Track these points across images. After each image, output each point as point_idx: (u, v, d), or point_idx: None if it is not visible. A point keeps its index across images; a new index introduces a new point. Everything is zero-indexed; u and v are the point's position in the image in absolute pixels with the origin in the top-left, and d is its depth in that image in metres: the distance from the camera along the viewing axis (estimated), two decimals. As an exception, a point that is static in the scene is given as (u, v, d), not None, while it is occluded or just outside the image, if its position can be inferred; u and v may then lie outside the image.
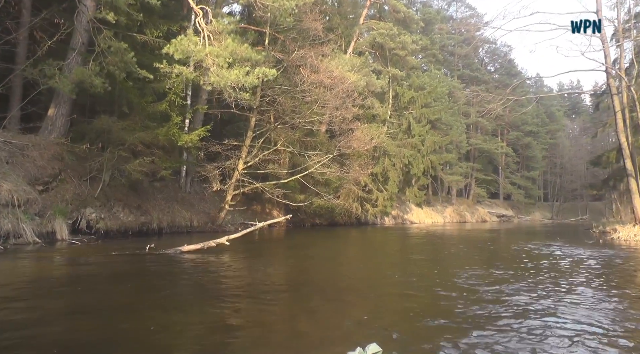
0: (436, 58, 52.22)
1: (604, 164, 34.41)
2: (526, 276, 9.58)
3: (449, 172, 52.46)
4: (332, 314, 6.50)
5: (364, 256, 14.66)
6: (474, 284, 8.56)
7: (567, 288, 8.21)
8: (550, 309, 6.57)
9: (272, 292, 7.94)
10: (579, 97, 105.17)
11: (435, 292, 7.94)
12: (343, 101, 22.26)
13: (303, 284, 8.90)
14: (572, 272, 10.39)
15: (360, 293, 8.02)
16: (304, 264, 12.09)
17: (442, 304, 7.02)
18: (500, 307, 6.66)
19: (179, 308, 6.51)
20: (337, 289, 8.23)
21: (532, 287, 8.26)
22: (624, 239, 20.66)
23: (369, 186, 33.10)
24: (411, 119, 37.15)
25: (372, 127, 30.41)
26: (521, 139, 68.34)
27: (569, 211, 74.79)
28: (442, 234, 27.27)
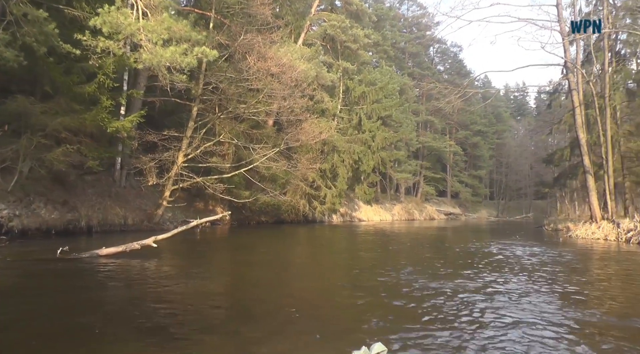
0: (387, 54, 51.67)
1: (557, 162, 34.60)
2: (513, 280, 8.75)
3: (399, 170, 52.15)
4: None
5: (313, 260, 13.35)
6: (451, 292, 7.65)
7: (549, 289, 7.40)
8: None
9: (202, 320, 5.84)
10: (524, 99, 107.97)
11: (397, 306, 6.92)
12: (291, 91, 21.03)
13: (245, 304, 6.86)
14: (558, 275, 9.64)
15: (312, 314, 6.64)
16: (248, 272, 10.15)
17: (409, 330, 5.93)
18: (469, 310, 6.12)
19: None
20: (287, 312, 6.31)
21: (515, 291, 7.44)
22: (582, 237, 20.45)
23: (317, 182, 32.02)
24: (362, 115, 36.29)
25: (321, 122, 29.37)
26: (470, 138, 69.10)
27: (514, 209, 76.59)
28: (396, 233, 26.52)
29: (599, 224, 20.78)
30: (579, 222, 25.28)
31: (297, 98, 21.95)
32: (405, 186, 58.82)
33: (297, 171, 25.52)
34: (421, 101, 62.40)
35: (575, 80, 23.15)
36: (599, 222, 21.22)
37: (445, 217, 58.81)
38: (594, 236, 19.91)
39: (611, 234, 19.11)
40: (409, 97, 53.36)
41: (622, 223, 19.51)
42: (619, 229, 18.97)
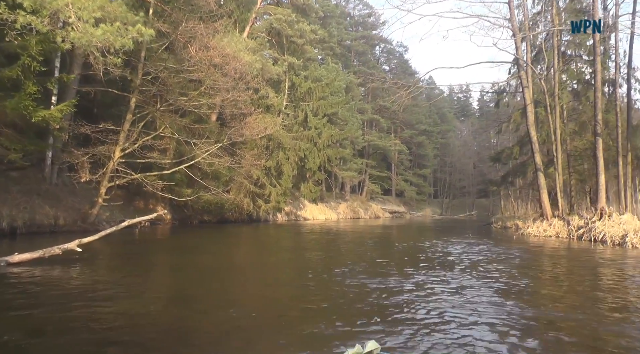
0: (334, 52, 51.24)
1: (505, 160, 35.03)
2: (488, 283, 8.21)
3: (344, 169, 51.75)
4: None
5: (259, 263, 12.43)
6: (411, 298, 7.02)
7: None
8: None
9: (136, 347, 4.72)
10: (467, 100, 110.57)
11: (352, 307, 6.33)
12: (235, 83, 20.03)
13: (187, 323, 5.57)
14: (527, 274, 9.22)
15: (261, 324, 5.90)
16: (188, 280, 8.65)
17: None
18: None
19: None
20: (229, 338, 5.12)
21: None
22: (534, 234, 20.47)
23: (262, 180, 31.12)
24: (308, 111, 35.63)
25: (266, 117, 28.49)
26: (415, 137, 69.75)
27: (458, 207, 78.18)
28: (342, 232, 25.95)
29: (550, 222, 20.92)
30: (527, 219, 25.50)
31: (241, 91, 20.91)
32: (350, 185, 58.71)
33: (241, 167, 24.56)
34: (367, 99, 62.47)
35: (526, 78, 23.25)
36: (549, 220, 21.36)
37: (390, 216, 59.03)
38: (545, 233, 20.00)
39: (562, 231, 19.23)
40: (355, 95, 53.20)
41: (571, 221, 19.65)
42: (570, 226, 19.08)
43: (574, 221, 19.34)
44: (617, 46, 19.82)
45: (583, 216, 19.74)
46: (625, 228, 15.23)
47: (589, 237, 16.57)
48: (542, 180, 22.67)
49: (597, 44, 19.18)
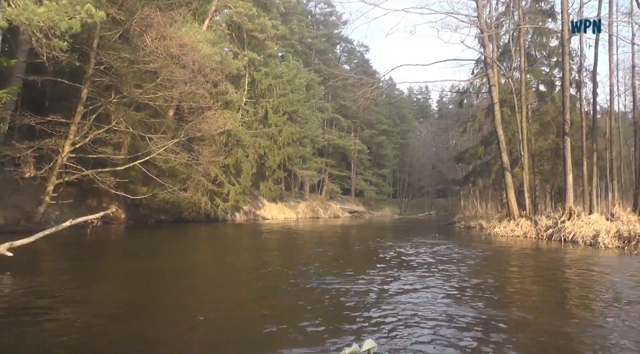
0: (295, 49, 50.52)
1: (469, 160, 35.06)
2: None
3: (304, 167, 51.12)
4: None
5: (217, 266, 11.68)
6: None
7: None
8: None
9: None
10: (427, 102, 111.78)
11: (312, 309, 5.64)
12: (193, 75, 19.08)
13: (136, 340, 4.73)
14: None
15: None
16: (140, 285, 7.74)
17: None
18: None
19: None
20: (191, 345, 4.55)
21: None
22: (502, 234, 20.25)
23: (220, 178, 30.17)
24: (268, 108, 34.85)
25: (225, 113, 27.58)
26: (375, 137, 69.70)
27: (416, 207, 78.73)
28: (301, 232, 25.29)
29: (517, 222, 20.76)
30: (491, 219, 25.48)
31: (200, 84, 19.96)
32: (310, 184, 58.18)
33: (199, 165, 23.59)
34: (327, 98, 62.00)
35: (494, 76, 23.12)
36: (516, 220, 21.23)
37: (349, 215, 58.78)
38: (513, 233, 19.78)
39: (531, 231, 19.07)
40: (316, 93, 52.61)
41: (539, 221, 19.55)
42: (538, 226, 18.95)
43: (541, 221, 19.24)
44: (582, 47, 19.91)
45: (551, 216, 19.70)
46: (596, 228, 15.11)
47: (558, 238, 16.39)
48: (509, 179, 22.58)
49: (565, 43, 19.17)
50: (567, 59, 19.20)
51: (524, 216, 21.33)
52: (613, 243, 13.67)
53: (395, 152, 79.16)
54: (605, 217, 16.43)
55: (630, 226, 13.77)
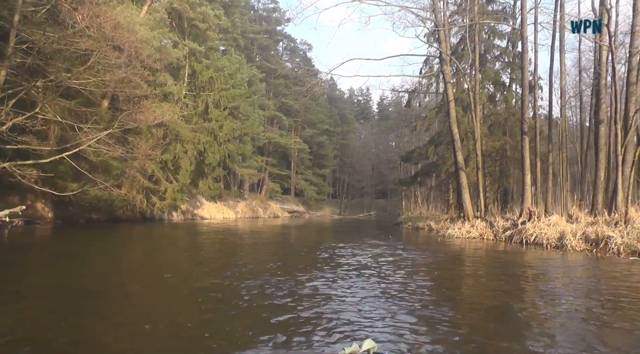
0: (237, 43, 48.76)
1: (416, 160, 34.62)
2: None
3: (244, 166, 49.57)
4: None
5: (151, 268, 10.29)
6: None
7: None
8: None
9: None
10: (368, 103, 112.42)
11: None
12: (130, 59, 17.32)
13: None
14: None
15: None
16: (63, 296, 6.47)
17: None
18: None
19: None
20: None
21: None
22: (457, 236, 19.52)
23: (157, 175, 28.32)
24: (209, 102, 33.16)
25: (163, 105, 25.82)
26: (316, 137, 68.98)
27: (356, 207, 78.87)
28: (240, 232, 23.89)
29: (472, 223, 20.16)
30: (440, 220, 25.05)
31: (137, 70, 18.19)
32: (250, 183, 56.71)
33: (135, 159, 21.79)
34: (269, 95, 60.59)
35: (449, 73, 22.54)
36: (471, 221, 20.65)
37: (289, 215, 57.78)
38: (469, 235, 19.12)
39: (487, 232, 18.49)
40: (257, 90, 50.97)
41: (494, 222, 19.07)
42: (494, 228, 18.42)
43: (498, 222, 18.74)
44: (536, 49, 19.60)
45: (507, 217, 19.31)
46: (559, 230, 14.68)
47: (519, 240, 15.88)
48: (464, 179, 22.02)
49: (525, 41, 18.86)
50: (526, 56, 18.90)
51: (479, 217, 20.84)
52: (580, 246, 13.22)
53: (336, 152, 79.05)
54: (565, 219, 16.09)
55: (598, 228, 13.37)
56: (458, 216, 23.11)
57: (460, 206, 22.38)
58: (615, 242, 12.24)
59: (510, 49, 29.08)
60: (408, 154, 36.63)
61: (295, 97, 65.02)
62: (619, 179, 15.29)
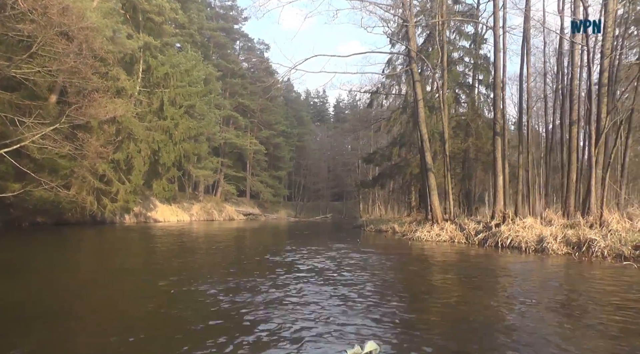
0: (193, 39, 47.20)
1: (378, 161, 33.92)
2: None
3: (199, 167, 47.92)
4: None
5: (99, 277, 9.12)
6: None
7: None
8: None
9: None
10: (324, 106, 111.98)
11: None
12: (80, 48, 15.84)
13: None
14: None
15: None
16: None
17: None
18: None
19: None
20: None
21: None
22: (426, 239, 18.75)
23: (109, 175, 26.67)
24: (164, 99, 31.58)
25: (116, 102, 24.24)
26: (272, 138, 67.74)
27: (312, 210, 78.01)
28: (195, 236, 22.59)
29: (442, 226, 19.45)
30: (404, 223, 24.45)
31: (87, 59, 16.69)
32: (205, 185, 55.02)
33: (85, 157, 20.25)
34: (225, 95, 59.03)
35: (418, 71, 21.85)
36: (440, 223, 19.96)
37: (244, 218, 56.39)
38: (439, 238, 18.37)
39: (458, 236, 17.81)
40: (214, 89, 49.40)
41: (464, 224, 18.46)
42: (465, 231, 17.79)
43: (469, 225, 18.14)
44: (505, 49, 19.13)
45: (477, 220, 18.80)
46: (537, 233, 14.16)
47: (494, 243, 15.27)
48: (433, 181, 21.32)
49: (497, 40, 18.36)
50: (499, 55, 18.42)
51: (448, 220, 20.22)
52: (562, 249, 12.70)
53: (292, 154, 78.00)
54: (540, 221, 15.62)
55: (579, 231, 12.89)
56: (425, 219, 22.50)
57: (429, 209, 21.74)
58: (599, 245, 11.77)
59: (474, 50, 28.90)
60: (370, 155, 36.00)
61: (252, 97, 63.92)
62: (593, 180, 14.96)
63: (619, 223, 13.34)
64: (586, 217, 14.54)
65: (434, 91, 22.60)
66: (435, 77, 22.33)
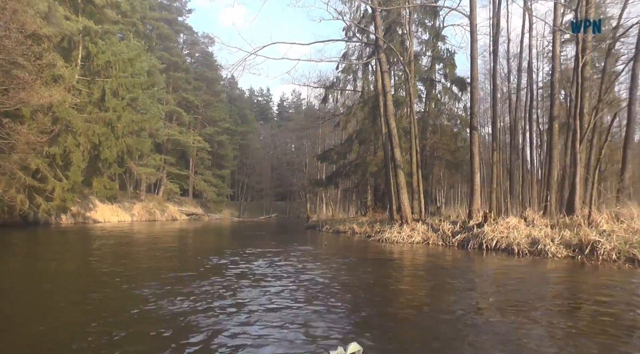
0: (136, 29, 44.44)
1: (334, 159, 32.59)
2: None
3: (141, 164, 45.19)
4: None
5: (29, 286, 7.44)
6: None
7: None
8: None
9: None
10: (268, 104, 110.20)
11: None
12: (5, 22, 13.68)
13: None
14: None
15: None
16: None
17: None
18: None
19: None
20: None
21: None
22: (397, 241, 17.48)
23: (43, 171, 24.14)
24: (106, 89, 29.10)
25: (51, 89, 21.88)
26: (216, 136, 65.34)
27: (255, 210, 76.65)
28: (138, 237, 20.62)
29: (412, 226, 18.28)
30: (364, 223, 23.39)
31: (13, 33, 14.49)
32: (147, 183, 52.17)
33: (13, 148, 17.90)
34: (168, 89, 56.26)
35: (385, 61, 20.57)
36: (410, 224, 18.77)
37: (187, 218, 54.02)
38: (411, 239, 17.15)
39: (432, 237, 16.64)
40: (157, 81, 46.75)
41: (436, 225, 17.39)
42: (439, 231, 16.67)
43: (442, 225, 17.05)
44: (475, 46, 18.23)
45: (450, 220, 17.77)
46: (526, 233, 13.18)
47: (476, 245, 14.21)
48: (402, 178, 20.09)
49: (474, 29, 17.41)
50: (475, 46, 17.47)
51: (419, 220, 19.11)
52: (562, 252, 11.76)
53: (236, 152, 75.78)
54: (524, 221, 14.73)
55: (581, 232, 11.98)
56: (390, 219, 21.41)
57: (392, 208, 20.62)
58: (604, 248, 10.87)
59: (435, 44, 28.03)
60: (325, 153, 34.74)
61: (196, 92, 61.48)
62: (577, 178, 14.28)
63: (607, 223, 12.63)
64: (571, 217, 13.82)
65: (396, 84, 21.50)
66: (406, 68, 21.11)
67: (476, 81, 17.75)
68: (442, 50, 28.13)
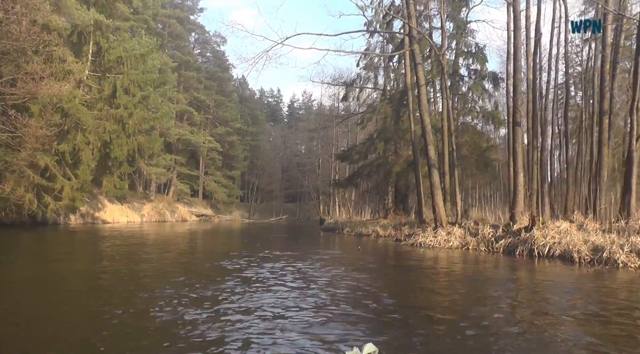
0: (148, 25, 43.50)
1: (355, 159, 31.39)
2: None
3: (152, 164, 44.21)
4: None
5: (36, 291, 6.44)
6: None
7: None
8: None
9: None
10: (278, 105, 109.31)
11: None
12: (10, 4, 12.63)
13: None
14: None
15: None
16: None
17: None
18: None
19: None
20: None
21: None
22: (434, 246, 16.11)
23: (52, 170, 23.17)
24: (118, 85, 28.08)
25: (61, 82, 20.88)
26: (227, 136, 64.27)
27: (265, 211, 75.94)
28: (148, 240, 19.55)
29: (448, 230, 16.96)
30: (389, 226, 22.21)
31: (19, 17, 13.43)
32: (157, 183, 51.25)
33: (22, 144, 16.90)
34: (180, 89, 55.25)
35: (420, 53, 19.36)
36: (445, 227, 17.45)
37: (197, 219, 53.08)
38: (449, 244, 15.91)
39: (472, 242, 15.37)
40: (169, 80, 45.74)
41: (475, 229, 16.12)
42: (478, 236, 15.37)
43: (483, 229, 15.75)
44: (518, 35, 16.96)
45: (491, 224, 16.49)
46: (583, 239, 11.88)
47: (526, 251, 12.94)
48: (437, 179, 18.67)
49: (518, 17, 16.16)
50: (519, 34, 16.22)
51: (455, 223, 17.76)
52: (635, 262, 10.44)
53: (246, 153, 74.55)
54: (576, 225, 13.44)
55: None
56: (420, 222, 20.15)
57: (422, 210, 19.35)
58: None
59: (466, 37, 26.71)
60: (345, 152, 33.59)
61: (207, 92, 60.47)
62: (633, 178, 13.03)
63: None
64: (629, 221, 12.55)
65: (441, 72, 20.19)
66: (442, 59, 19.72)
67: (519, 73, 16.47)
68: (471, 45, 26.84)
